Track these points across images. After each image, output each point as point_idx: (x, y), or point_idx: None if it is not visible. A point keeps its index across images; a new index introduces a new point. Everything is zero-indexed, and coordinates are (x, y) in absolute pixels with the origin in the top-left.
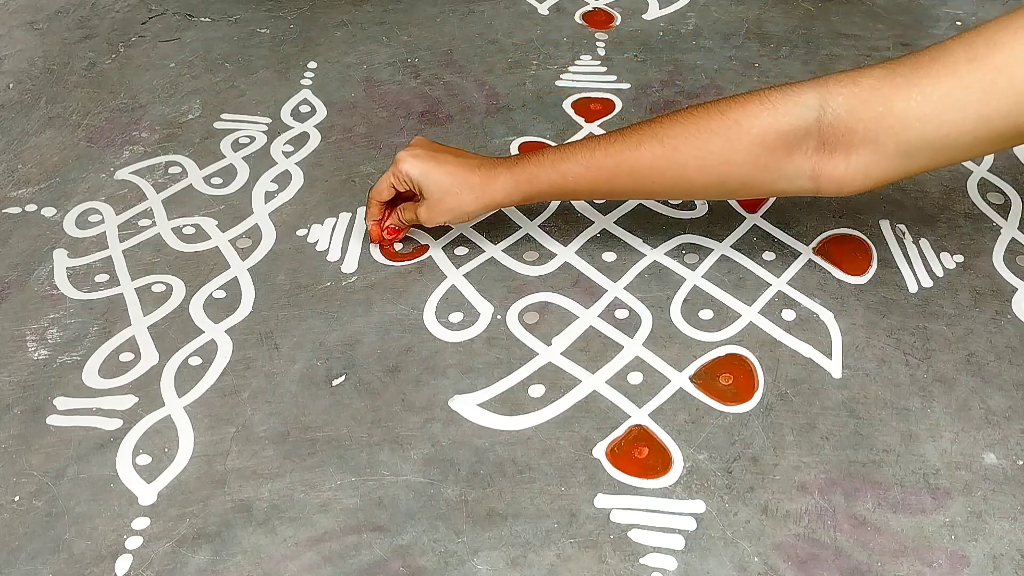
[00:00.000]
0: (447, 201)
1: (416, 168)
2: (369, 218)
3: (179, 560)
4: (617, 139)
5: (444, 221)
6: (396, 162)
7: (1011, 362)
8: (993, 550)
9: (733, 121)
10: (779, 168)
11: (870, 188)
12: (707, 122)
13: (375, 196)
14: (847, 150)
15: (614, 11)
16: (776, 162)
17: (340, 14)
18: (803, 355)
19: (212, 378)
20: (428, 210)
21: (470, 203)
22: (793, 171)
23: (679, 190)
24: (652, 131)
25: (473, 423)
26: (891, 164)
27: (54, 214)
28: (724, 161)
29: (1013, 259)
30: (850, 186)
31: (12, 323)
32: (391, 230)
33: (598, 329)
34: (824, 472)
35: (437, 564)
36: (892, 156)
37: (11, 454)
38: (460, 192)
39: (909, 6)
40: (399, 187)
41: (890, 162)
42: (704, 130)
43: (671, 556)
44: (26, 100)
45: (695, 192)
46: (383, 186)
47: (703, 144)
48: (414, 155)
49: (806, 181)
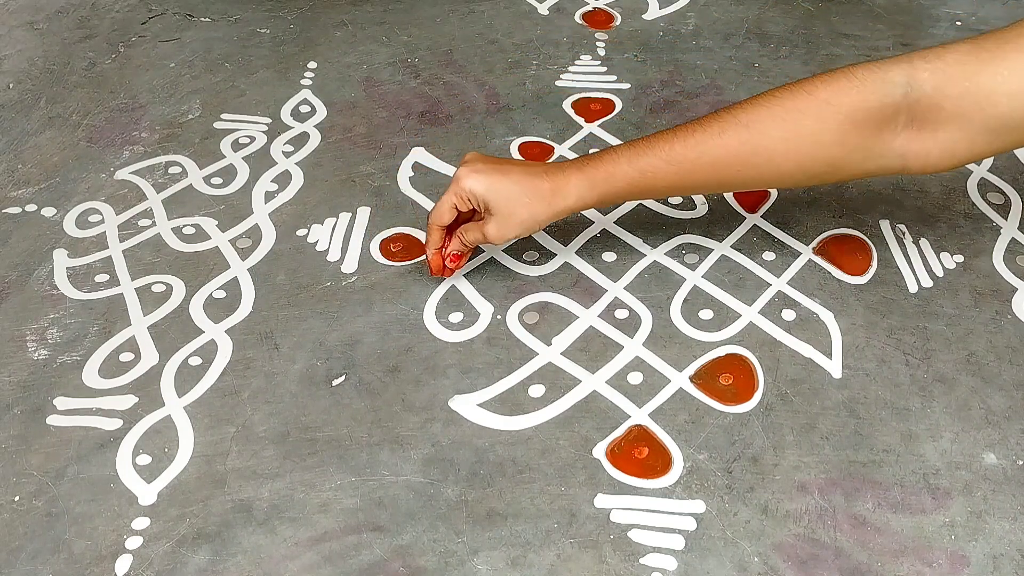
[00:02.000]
0: (519, 213)
1: (481, 183)
2: (431, 247)
3: (179, 560)
4: (696, 129)
5: (516, 235)
6: (457, 180)
7: (1011, 362)
8: (993, 550)
9: (823, 100)
10: (868, 147)
11: (956, 166)
12: (794, 103)
13: (436, 221)
14: (934, 127)
15: (614, 11)
16: (865, 140)
17: (340, 14)
18: (803, 355)
19: (212, 378)
20: (498, 226)
21: (542, 211)
22: (882, 149)
23: (763, 178)
24: (734, 117)
25: (473, 423)
26: (977, 141)
27: (54, 214)
28: (814, 143)
29: (1013, 259)
30: (936, 163)
31: (12, 323)
32: (454, 256)
33: (598, 329)
34: (824, 472)
35: (437, 564)
36: (978, 132)
37: (11, 454)
38: (531, 201)
39: (909, 6)
40: (462, 207)
41: (976, 139)
42: (792, 111)
43: (671, 556)
44: (26, 100)
45: (779, 179)
46: (444, 209)
47: (792, 126)
48: (475, 170)
49: (894, 159)
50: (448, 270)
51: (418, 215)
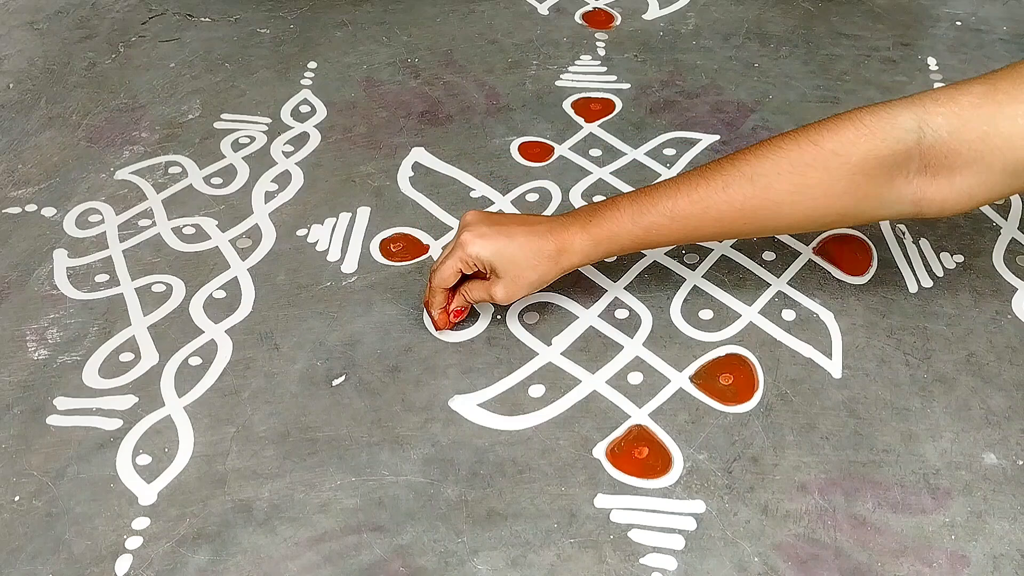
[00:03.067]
0: (527, 275)
1: (486, 249)
2: (435, 308)
3: (179, 560)
4: (699, 183)
5: (524, 295)
6: (461, 245)
7: (1011, 362)
8: (993, 550)
9: (830, 152)
10: (880, 195)
11: (973, 208)
12: (800, 155)
13: (441, 285)
14: (950, 172)
15: (614, 11)
16: (877, 189)
17: (340, 14)
18: (803, 355)
19: (212, 378)
20: (506, 289)
21: (549, 271)
22: (894, 197)
23: (769, 229)
24: (738, 170)
25: (473, 423)
26: (997, 184)
27: (54, 214)
28: (823, 194)
29: (1013, 259)
30: (953, 208)
31: (12, 323)
32: (457, 312)
33: (598, 329)
34: (824, 472)
35: (437, 564)
36: (998, 176)
37: (11, 454)
38: (538, 263)
39: (909, 6)
40: (467, 271)
41: (995, 182)
42: (798, 164)
43: (671, 556)
44: (26, 100)
45: (786, 229)
46: (448, 274)
47: (799, 179)
48: (480, 235)
49: (907, 206)
50: (451, 324)
51: (418, 215)
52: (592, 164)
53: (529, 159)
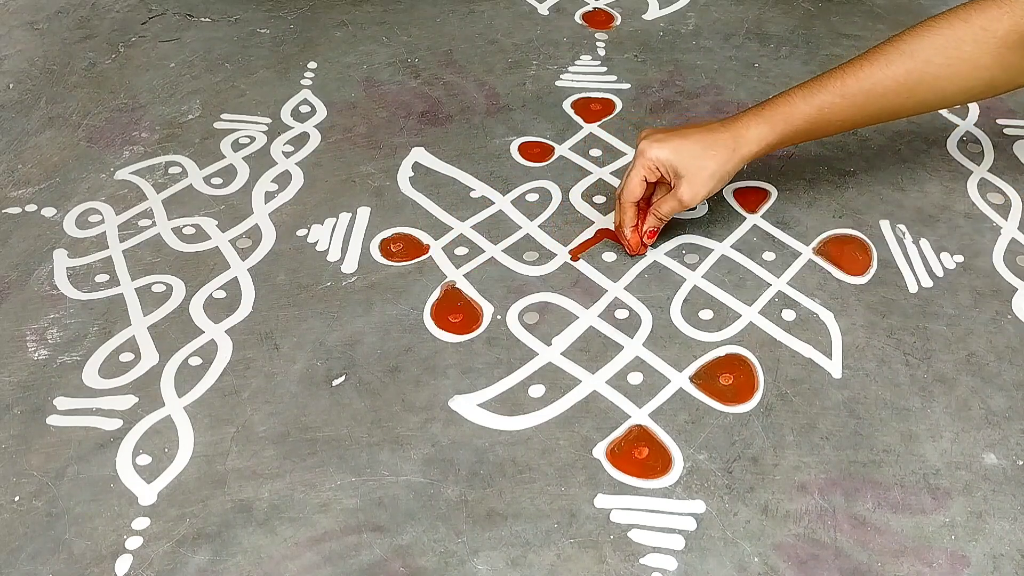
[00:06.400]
0: (708, 166)
1: (664, 149)
2: (627, 225)
3: (179, 560)
4: (863, 64)
5: (708, 191)
6: (642, 153)
7: (1011, 362)
8: (993, 550)
9: (979, 27)
10: (1021, 65)
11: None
12: (952, 31)
13: (629, 198)
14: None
15: (614, 11)
16: (1020, 59)
17: (340, 14)
18: (803, 355)
19: (212, 378)
20: (691, 185)
21: (728, 160)
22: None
23: (929, 102)
24: (898, 49)
25: (473, 423)
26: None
27: (54, 214)
28: (975, 66)
29: (1013, 259)
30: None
31: (12, 323)
32: (651, 233)
33: (598, 329)
34: (824, 472)
35: (437, 564)
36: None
37: (11, 454)
38: (716, 152)
39: (909, 6)
40: (651, 177)
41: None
42: (952, 39)
43: (671, 556)
44: (26, 100)
45: (944, 101)
46: (634, 184)
47: (954, 52)
48: (656, 140)
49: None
50: (644, 247)
51: (418, 215)
52: (592, 164)
53: (529, 159)
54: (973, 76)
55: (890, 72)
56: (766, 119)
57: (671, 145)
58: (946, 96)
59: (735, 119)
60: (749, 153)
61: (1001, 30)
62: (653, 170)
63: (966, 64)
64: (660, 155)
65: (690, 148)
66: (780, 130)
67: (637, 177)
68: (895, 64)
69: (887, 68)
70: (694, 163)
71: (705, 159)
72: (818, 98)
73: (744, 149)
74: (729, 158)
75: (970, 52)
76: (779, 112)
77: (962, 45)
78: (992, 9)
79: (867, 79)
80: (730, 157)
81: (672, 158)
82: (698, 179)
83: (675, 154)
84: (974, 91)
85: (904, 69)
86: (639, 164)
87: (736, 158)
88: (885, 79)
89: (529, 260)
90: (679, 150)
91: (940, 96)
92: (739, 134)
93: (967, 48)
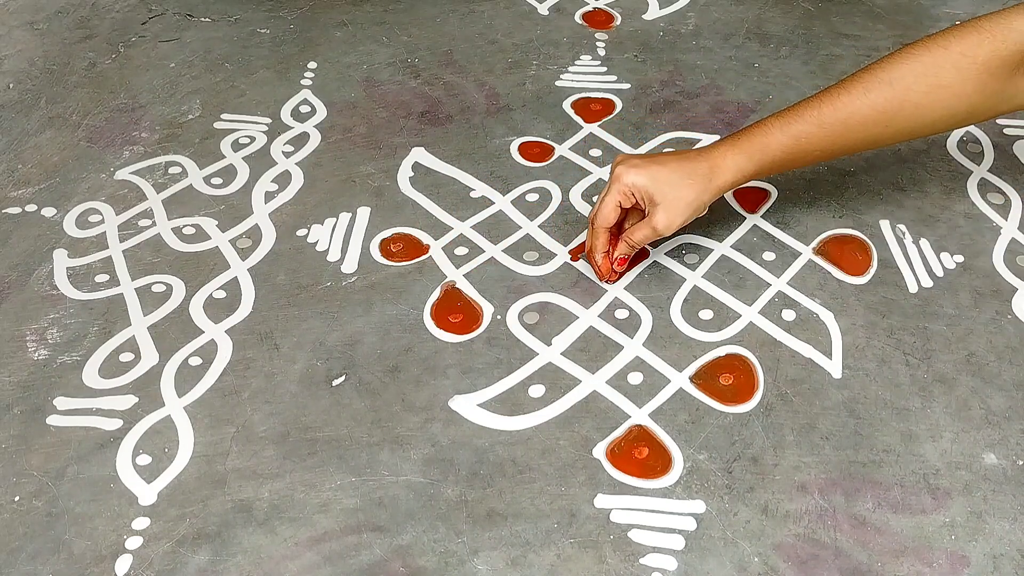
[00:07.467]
0: (685, 195)
1: (641, 176)
2: (598, 251)
3: (179, 560)
4: (840, 93)
5: (684, 220)
6: (617, 178)
7: (1011, 362)
8: (993, 550)
9: (959, 54)
10: (1003, 91)
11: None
12: (932, 58)
13: (603, 224)
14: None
15: (614, 11)
16: (1000, 85)
17: (340, 14)
18: (803, 355)
19: (212, 378)
20: (666, 213)
21: (705, 190)
22: (1014, 91)
23: (908, 131)
24: (877, 77)
25: (473, 423)
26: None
27: (54, 214)
28: (955, 93)
29: (1013, 259)
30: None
31: (12, 323)
32: (621, 260)
33: (598, 329)
34: (824, 472)
35: (437, 564)
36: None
37: (11, 454)
38: (694, 181)
39: (909, 6)
40: (626, 203)
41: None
42: (932, 67)
43: (671, 556)
44: (26, 100)
45: (923, 129)
46: (608, 209)
47: (934, 80)
48: (632, 166)
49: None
50: (615, 274)
51: (418, 215)
52: (592, 164)
53: (529, 159)
54: (953, 103)
55: (868, 100)
56: (743, 149)
57: (648, 172)
58: (925, 124)
59: (712, 148)
60: (726, 183)
61: (981, 56)
62: (628, 196)
63: (946, 91)
64: (637, 181)
65: (667, 176)
66: (757, 160)
67: (612, 202)
68: (873, 92)
69: (865, 96)
70: (671, 191)
71: (682, 188)
72: (795, 127)
73: (720, 179)
74: (706, 188)
75: (950, 79)
76: (756, 142)
77: (942, 72)
78: (971, 35)
79: (844, 108)
80: (707, 187)
81: (649, 185)
82: (674, 208)
83: (652, 181)
84: (954, 119)
85: (883, 97)
86: (614, 189)
87: (713, 188)
88: (863, 107)
89: (529, 260)
90: (656, 177)
91: (919, 124)
92: (716, 164)
93: (947, 75)
